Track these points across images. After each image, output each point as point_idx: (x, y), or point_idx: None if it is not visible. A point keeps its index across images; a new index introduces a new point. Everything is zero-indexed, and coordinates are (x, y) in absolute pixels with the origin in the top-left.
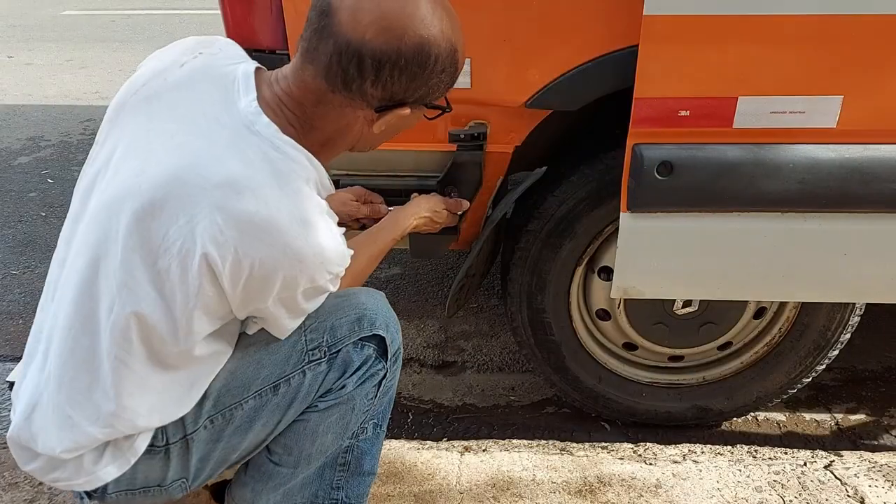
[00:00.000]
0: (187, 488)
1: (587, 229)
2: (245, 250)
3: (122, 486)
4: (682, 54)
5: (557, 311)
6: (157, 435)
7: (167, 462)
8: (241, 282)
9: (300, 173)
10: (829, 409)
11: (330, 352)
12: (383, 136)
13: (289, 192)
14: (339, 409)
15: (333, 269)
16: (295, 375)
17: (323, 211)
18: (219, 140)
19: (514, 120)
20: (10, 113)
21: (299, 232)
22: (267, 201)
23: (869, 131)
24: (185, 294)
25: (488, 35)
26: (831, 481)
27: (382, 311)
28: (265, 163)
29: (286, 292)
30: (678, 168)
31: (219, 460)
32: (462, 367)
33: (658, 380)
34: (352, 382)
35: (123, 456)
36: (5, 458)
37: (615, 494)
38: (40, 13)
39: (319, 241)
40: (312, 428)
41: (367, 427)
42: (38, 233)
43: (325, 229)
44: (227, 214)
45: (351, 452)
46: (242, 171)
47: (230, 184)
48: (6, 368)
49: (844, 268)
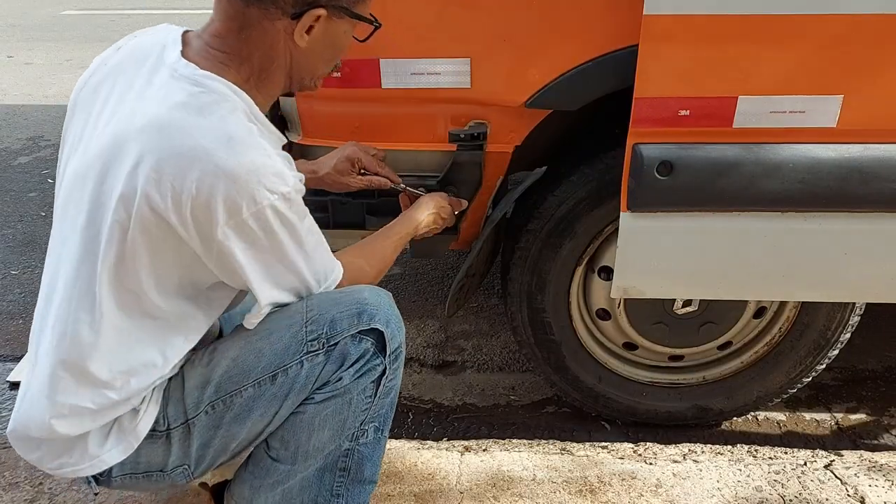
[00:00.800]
0: (190, 475)
1: (587, 229)
2: (180, 182)
3: (126, 470)
4: (682, 54)
5: (557, 311)
6: (158, 419)
7: (168, 447)
8: (187, 215)
9: (223, 103)
10: (829, 409)
11: (328, 344)
12: (315, 56)
13: (213, 119)
14: (335, 402)
15: (275, 187)
16: (293, 366)
17: (254, 133)
18: (148, 95)
19: (514, 120)
20: (9, 113)
21: (227, 151)
22: (190, 131)
23: (869, 131)
24: (143, 240)
25: (488, 35)
26: (831, 481)
27: (384, 308)
28: (188, 98)
29: (233, 218)
30: (678, 168)
31: (219, 448)
32: (462, 367)
33: (658, 379)
34: (348, 375)
35: (126, 439)
36: (5, 458)
37: (615, 494)
38: (40, 13)
39: (251, 157)
40: (308, 420)
41: (367, 430)
42: (38, 233)
43: (256, 147)
44: (155, 154)
45: (351, 457)
46: (165, 111)
47: (153, 125)
48: (6, 368)
49: (844, 267)
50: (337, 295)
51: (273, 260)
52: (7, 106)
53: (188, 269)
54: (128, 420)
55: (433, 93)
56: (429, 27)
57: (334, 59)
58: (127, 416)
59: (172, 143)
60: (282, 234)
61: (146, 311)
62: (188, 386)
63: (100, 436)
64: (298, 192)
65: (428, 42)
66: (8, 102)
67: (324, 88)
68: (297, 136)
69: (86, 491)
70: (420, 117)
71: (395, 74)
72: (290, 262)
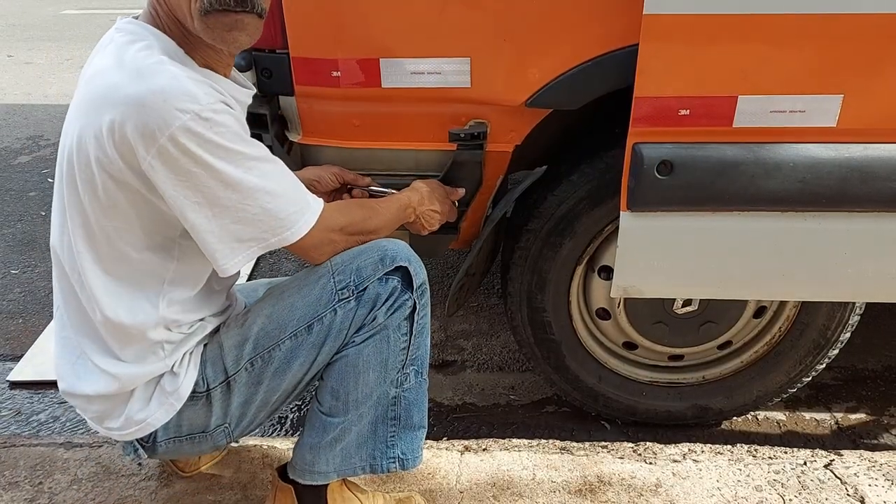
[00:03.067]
0: (230, 434)
1: (587, 228)
2: (98, 123)
3: (171, 434)
4: (682, 53)
5: (557, 310)
6: (198, 381)
7: (209, 407)
8: (113, 154)
9: (137, 42)
10: (829, 409)
11: (357, 290)
12: None
13: (125, 57)
14: (373, 340)
15: (185, 106)
16: (326, 314)
17: (164, 63)
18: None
19: (514, 119)
20: (9, 112)
21: (134, 81)
22: (105, 75)
23: (869, 130)
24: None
25: (488, 34)
26: (831, 480)
27: (403, 249)
28: (112, 50)
29: (152, 146)
30: (678, 167)
31: (260, 403)
32: (462, 367)
33: (658, 379)
34: (381, 313)
35: (168, 401)
36: (5, 458)
37: (615, 494)
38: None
39: (157, 81)
40: (352, 363)
41: (409, 374)
42: (38, 232)
43: (163, 73)
44: (85, 105)
45: (399, 404)
46: (94, 68)
47: (85, 80)
48: (6, 368)
49: (844, 267)
50: (357, 249)
51: (212, 194)
52: (7, 105)
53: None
54: (168, 383)
55: (433, 92)
56: (429, 26)
57: None
58: (167, 379)
59: (92, 88)
60: (209, 158)
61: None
62: (226, 346)
63: (142, 400)
64: (218, 112)
65: (428, 41)
66: (8, 102)
67: (324, 88)
68: (296, 135)
69: (85, 490)
70: (420, 117)
71: (395, 74)
72: (231, 193)
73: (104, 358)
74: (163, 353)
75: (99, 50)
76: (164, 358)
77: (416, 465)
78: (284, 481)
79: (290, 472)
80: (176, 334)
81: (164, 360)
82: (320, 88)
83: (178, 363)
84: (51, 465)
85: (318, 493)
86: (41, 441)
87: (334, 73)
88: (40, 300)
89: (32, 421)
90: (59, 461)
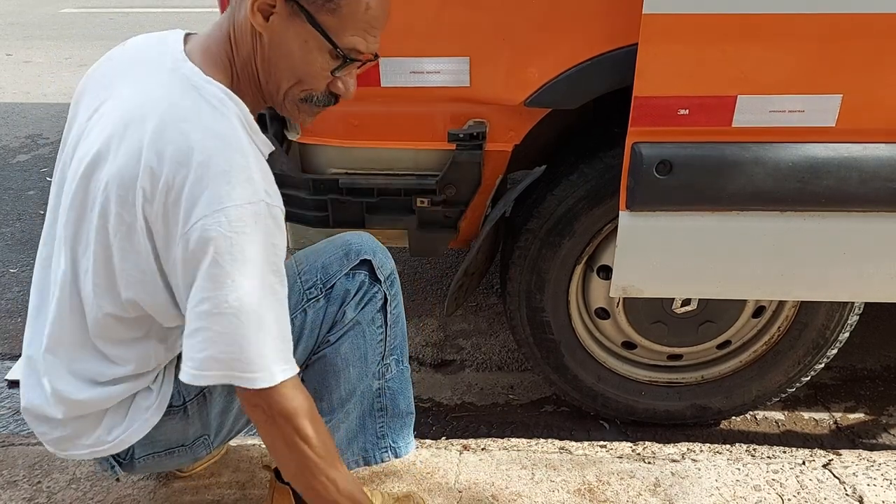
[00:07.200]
0: (210, 445)
1: (586, 228)
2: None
3: (148, 451)
4: (681, 53)
5: (556, 310)
6: (173, 395)
7: (187, 420)
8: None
9: (220, 108)
10: (827, 408)
11: (325, 287)
12: (276, 57)
13: (204, 120)
14: (349, 337)
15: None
16: (297, 315)
17: (241, 140)
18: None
19: (513, 118)
20: (8, 111)
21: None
22: (181, 127)
23: (868, 130)
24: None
25: (487, 34)
26: (830, 480)
27: (367, 242)
28: (184, 100)
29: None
30: (677, 167)
31: (238, 411)
32: (461, 366)
33: (657, 378)
34: (351, 308)
35: (142, 417)
36: (4, 457)
37: (614, 493)
38: (39, 11)
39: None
40: (331, 362)
41: (389, 364)
42: (37, 231)
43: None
44: (141, 147)
45: (384, 395)
46: (161, 110)
47: (158, 120)
48: (4, 367)
49: (843, 267)
50: (320, 246)
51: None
52: (6, 104)
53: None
54: (143, 398)
55: (432, 92)
56: (428, 26)
57: (296, 72)
58: (142, 394)
59: (162, 138)
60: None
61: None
62: None
63: (117, 416)
64: (269, 207)
65: (427, 41)
66: (7, 101)
67: None
68: (295, 134)
69: (84, 489)
70: (419, 116)
71: (394, 73)
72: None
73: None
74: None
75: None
76: (140, 377)
77: (409, 451)
78: (282, 482)
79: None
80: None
81: (138, 378)
82: None
83: (153, 379)
84: (49, 464)
85: None
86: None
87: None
88: None
89: None
90: (58, 460)
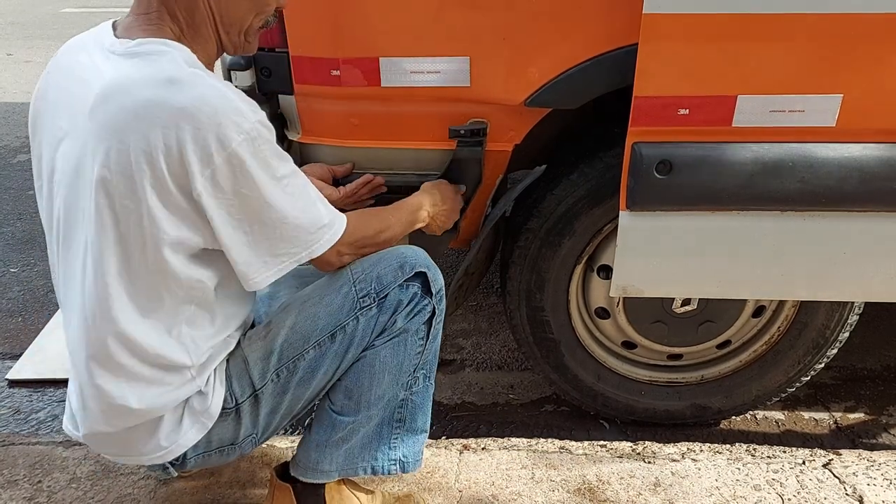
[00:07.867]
0: (256, 442)
1: (586, 228)
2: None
3: (200, 451)
4: (681, 53)
5: (556, 310)
6: (226, 398)
7: (238, 421)
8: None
9: (161, 57)
10: (827, 408)
11: (379, 297)
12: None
13: (148, 70)
14: (392, 344)
15: (238, 124)
16: (349, 323)
17: (199, 75)
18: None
19: (513, 118)
20: (9, 110)
21: (169, 92)
22: (130, 91)
23: (868, 130)
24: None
25: (487, 34)
26: (830, 480)
27: (422, 256)
28: (125, 65)
29: (207, 167)
30: (677, 166)
31: (286, 411)
32: (461, 366)
33: (657, 378)
34: (402, 317)
35: (199, 421)
36: (4, 456)
37: (614, 493)
38: (39, 11)
39: (199, 92)
40: (370, 364)
41: (418, 377)
42: (38, 230)
43: (203, 84)
44: (106, 128)
45: (406, 407)
46: (107, 83)
47: (100, 99)
48: (5, 366)
49: (843, 267)
50: (376, 256)
51: (254, 212)
52: (6, 104)
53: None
54: (197, 403)
55: (433, 91)
56: (428, 26)
57: (259, 6)
58: (196, 399)
59: (114, 108)
60: (258, 179)
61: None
62: (251, 359)
63: (172, 422)
64: (263, 126)
65: (427, 41)
66: (7, 100)
67: (323, 87)
68: (296, 134)
69: (84, 489)
70: (419, 116)
71: (394, 73)
72: (272, 212)
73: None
74: (190, 375)
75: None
76: (193, 379)
77: (417, 468)
78: (283, 480)
79: (291, 470)
80: (202, 356)
81: (192, 381)
82: (320, 87)
83: (206, 382)
84: (50, 463)
85: (317, 492)
86: (40, 439)
87: (334, 73)
88: (39, 299)
89: (31, 419)
90: (58, 459)
